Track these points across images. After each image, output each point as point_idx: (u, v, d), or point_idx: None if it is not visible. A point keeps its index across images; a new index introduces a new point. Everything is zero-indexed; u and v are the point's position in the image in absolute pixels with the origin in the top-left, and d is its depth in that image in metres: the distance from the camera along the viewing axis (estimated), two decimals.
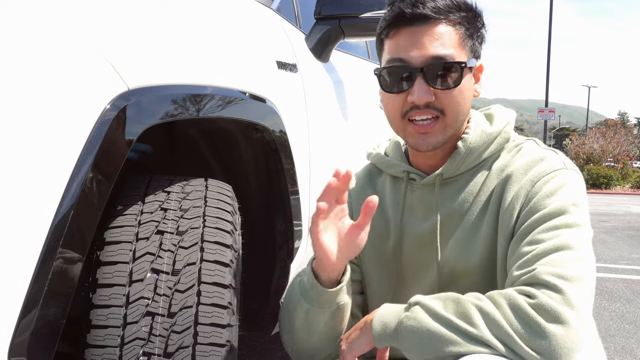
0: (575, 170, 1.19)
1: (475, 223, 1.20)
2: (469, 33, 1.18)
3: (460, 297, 1.04)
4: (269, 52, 1.69)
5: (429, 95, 1.14)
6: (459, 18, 1.17)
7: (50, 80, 0.94)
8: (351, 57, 2.64)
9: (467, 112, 1.21)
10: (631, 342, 3.13)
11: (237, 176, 1.68)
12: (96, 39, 1.04)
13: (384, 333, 1.09)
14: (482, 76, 1.24)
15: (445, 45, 1.14)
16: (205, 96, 1.30)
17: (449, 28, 1.16)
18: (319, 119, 1.97)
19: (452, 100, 1.16)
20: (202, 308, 1.12)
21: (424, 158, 1.26)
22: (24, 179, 0.89)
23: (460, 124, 1.20)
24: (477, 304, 1.02)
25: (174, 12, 1.32)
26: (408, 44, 1.15)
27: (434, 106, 1.15)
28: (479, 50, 1.22)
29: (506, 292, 1.03)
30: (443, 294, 1.08)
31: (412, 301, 1.08)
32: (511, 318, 0.99)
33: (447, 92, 1.15)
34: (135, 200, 1.22)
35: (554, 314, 0.97)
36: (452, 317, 1.02)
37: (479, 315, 1.01)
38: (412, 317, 1.05)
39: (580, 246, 1.07)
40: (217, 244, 1.19)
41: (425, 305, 1.05)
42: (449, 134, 1.18)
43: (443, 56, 1.14)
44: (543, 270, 1.02)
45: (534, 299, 0.99)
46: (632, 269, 5.26)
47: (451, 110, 1.16)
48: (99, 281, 1.11)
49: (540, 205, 1.11)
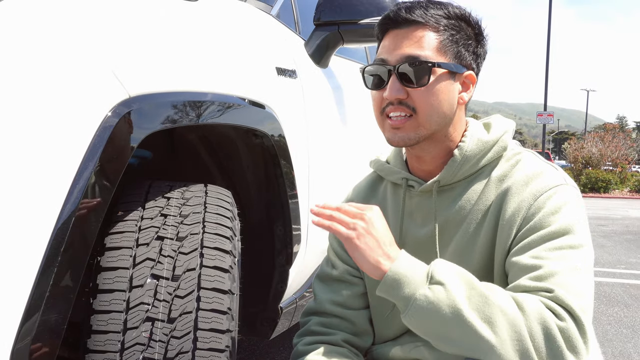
0: (574, 186, 1.21)
1: (474, 231, 1.21)
2: (454, 39, 1.21)
3: (488, 294, 1.03)
4: (268, 58, 1.70)
5: (400, 93, 1.18)
6: (445, 25, 1.20)
7: (53, 88, 0.96)
8: (350, 63, 2.65)
9: (444, 115, 1.21)
10: (629, 346, 3.13)
11: (236, 182, 1.69)
12: (98, 47, 1.05)
13: (393, 291, 1.07)
14: (473, 86, 1.25)
15: (420, 47, 1.18)
16: (205, 103, 1.31)
17: (431, 33, 1.19)
18: (318, 124, 1.98)
19: (423, 100, 1.18)
20: (201, 313, 1.12)
21: (421, 165, 1.28)
22: (26, 184, 0.90)
23: (436, 126, 1.21)
24: (504, 309, 1.01)
25: (174, 20, 1.33)
26: (390, 45, 1.21)
27: (406, 103, 1.19)
28: (468, 59, 1.23)
29: (536, 305, 1.02)
30: (470, 278, 1.06)
31: (436, 275, 1.05)
32: (537, 334, 1.00)
33: (417, 90, 1.18)
34: (136, 206, 1.23)
35: (574, 345, 1.00)
36: (473, 317, 1.00)
37: (504, 323, 1.00)
38: (431, 299, 1.03)
39: (587, 270, 1.10)
40: (217, 250, 1.20)
41: (450, 290, 1.03)
42: (422, 133, 1.20)
43: (415, 56, 1.18)
44: (567, 296, 1.03)
45: (562, 322, 1.01)
46: (630, 273, 5.27)
47: (422, 110, 1.19)
48: (99, 287, 1.12)
49: (545, 223, 1.12)
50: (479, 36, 1.25)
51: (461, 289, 1.03)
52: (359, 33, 2.07)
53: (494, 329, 1.00)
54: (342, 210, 1.13)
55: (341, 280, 1.37)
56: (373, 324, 1.38)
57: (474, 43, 1.24)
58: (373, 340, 1.39)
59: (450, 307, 1.01)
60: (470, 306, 1.01)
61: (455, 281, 1.04)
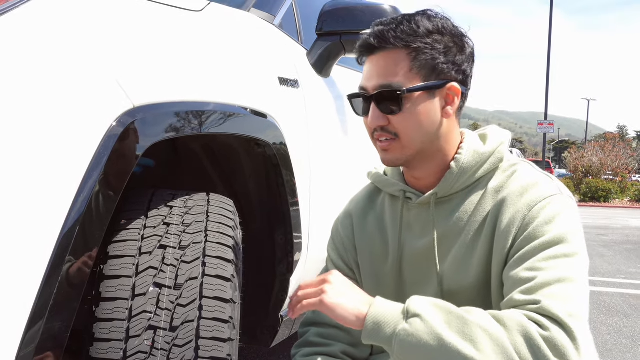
0: (570, 196, 1.22)
1: (471, 242, 1.22)
2: (429, 56, 1.19)
3: (466, 316, 1.03)
4: (271, 68, 1.72)
5: (380, 121, 1.21)
6: (424, 43, 1.19)
7: (59, 98, 0.97)
8: (352, 72, 2.67)
9: (428, 134, 1.21)
10: (628, 356, 3.13)
11: (238, 190, 1.70)
12: (103, 58, 1.06)
13: (376, 335, 1.08)
14: (457, 98, 1.22)
15: (391, 74, 1.19)
16: (208, 113, 1.32)
17: (401, 55, 1.19)
18: (319, 133, 1.99)
19: (402, 125, 1.20)
20: (203, 322, 1.13)
21: (418, 177, 1.29)
22: (32, 192, 0.91)
23: (422, 145, 1.22)
24: (483, 326, 1.01)
25: (178, 30, 1.34)
26: (367, 73, 1.23)
27: (387, 129, 1.21)
28: (447, 71, 1.21)
29: (516, 318, 1.03)
30: (446, 305, 1.07)
31: (411, 309, 1.06)
32: (521, 347, 1.00)
33: (396, 117, 1.19)
34: (139, 214, 1.24)
35: (562, 352, 1.00)
36: (455, 339, 1.01)
37: (485, 339, 1.00)
38: (410, 332, 1.04)
39: (580, 279, 1.09)
40: (219, 259, 1.21)
41: (426, 319, 1.04)
42: (409, 153, 1.22)
43: (386, 84, 1.19)
44: (553, 304, 1.03)
45: (546, 332, 1.01)
46: (630, 283, 5.27)
47: (404, 133, 1.20)
48: (102, 295, 1.12)
49: (539, 233, 1.13)
50: (459, 43, 1.23)
51: (438, 316, 1.04)
52: None
53: (477, 347, 1.00)
54: (303, 288, 1.16)
55: None
56: None
57: (454, 52, 1.21)
58: (371, 351, 1.39)
59: (431, 335, 1.02)
60: (450, 329, 1.02)
61: (430, 310, 1.06)
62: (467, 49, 1.24)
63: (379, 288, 1.33)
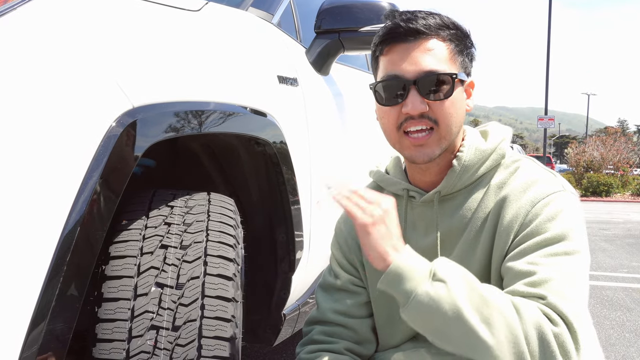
0: (573, 192, 1.21)
1: (474, 239, 1.22)
2: (459, 49, 1.22)
3: (488, 297, 1.03)
4: (270, 67, 1.72)
5: (423, 106, 1.18)
6: (449, 35, 1.21)
7: (59, 99, 0.97)
8: (351, 70, 2.67)
9: (460, 124, 1.23)
10: (631, 350, 3.13)
11: (239, 189, 1.70)
12: (102, 59, 1.06)
13: (394, 285, 1.08)
14: (473, 92, 1.27)
15: (437, 59, 1.19)
16: (208, 112, 1.32)
17: (440, 43, 1.20)
18: (319, 131, 1.99)
19: (445, 111, 1.19)
20: (205, 321, 1.13)
21: (422, 175, 1.28)
22: (33, 193, 0.91)
23: (454, 136, 1.22)
24: (503, 312, 1.02)
25: (176, 30, 1.34)
26: (401, 60, 1.19)
27: (427, 116, 1.19)
28: (469, 67, 1.26)
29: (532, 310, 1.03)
30: (471, 279, 1.07)
31: (438, 273, 1.05)
32: (532, 339, 1.01)
33: (439, 103, 1.18)
34: (140, 214, 1.24)
35: (567, 350, 1.01)
36: (473, 317, 1.01)
37: (502, 325, 1.01)
38: (431, 295, 1.03)
39: (582, 276, 1.10)
40: (220, 258, 1.21)
41: (451, 289, 1.03)
42: (444, 145, 1.21)
43: (435, 69, 1.18)
44: (561, 302, 1.04)
45: (557, 328, 1.02)
46: (633, 277, 5.26)
47: (444, 121, 1.19)
48: (104, 295, 1.13)
49: (542, 229, 1.13)
50: (469, 41, 1.26)
51: (462, 289, 1.04)
52: (360, 40, 2.09)
53: (492, 330, 1.00)
54: (359, 195, 1.14)
55: (344, 289, 1.37)
56: (377, 333, 1.38)
57: (470, 49, 1.26)
58: (376, 348, 1.39)
59: (451, 306, 1.02)
60: (471, 306, 1.02)
61: (457, 280, 1.05)
62: (475, 54, 1.27)
63: None
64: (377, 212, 1.11)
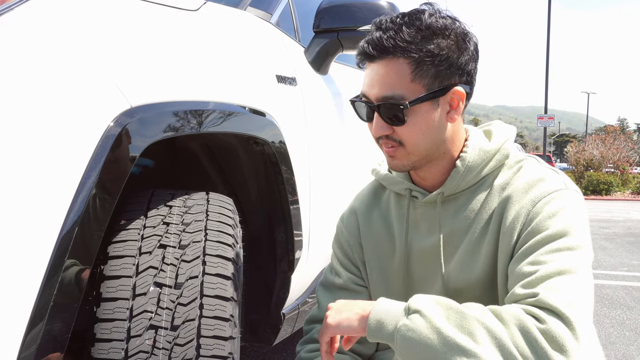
0: (576, 190, 1.21)
1: (477, 240, 1.22)
2: (430, 62, 1.15)
3: (464, 311, 1.04)
4: (268, 66, 1.72)
5: (384, 130, 1.19)
6: (416, 49, 1.14)
7: (57, 99, 0.97)
8: (350, 69, 2.67)
9: (433, 140, 1.20)
10: (631, 349, 3.13)
11: (237, 189, 1.70)
12: (100, 59, 1.06)
13: (379, 332, 1.09)
14: (461, 102, 1.20)
15: (392, 85, 1.16)
16: (206, 112, 1.32)
17: (402, 64, 1.15)
18: (318, 130, 1.99)
19: (406, 134, 1.18)
20: (204, 321, 1.13)
21: (424, 176, 1.28)
22: (31, 193, 0.91)
23: (427, 152, 1.21)
24: (482, 320, 1.02)
25: (174, 30, 1.34)
26: (370, 80, 1.20)
27: (392, 138, 1.20)
28: (451, 75, 1.17)
29: (514, 312, 1.03)
30: (447, 301, 1.07)
31: (412, 306, 1.07)
32: (518, 340, 1.00)
33: (400, 127, 1.18)
34: (138, 214, 1.24)
35: (560, 343, 0.99)
36: (454, 332, 1.01)
37: (483, 333, 1.01)
38: (410, 327, 1.05)
39: (582, 271, 1.09)
40: (219, 257, 1.21)
41: (426, 315, 1.04)
42: (414, 159, 1.22)
43: (389, 96, 1.16)
44: (551, 296, 1.03)
45: (543, 324, 1.01)
46: (633, 276, 5.26)
47: (408, 142, 1.19)
48: (102, 295, 1.12)
49: (542, 227, 1.13)
50: (462, 43, 1.18)
51: (437, 311, 1.05)
52: (358, 39, 2.06)
53: (475, 339, 1.00)
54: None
55: (345, 288, 1.37)
56: None
57: (457, 54, 1.17)
58: (377, 347, 1.39)
59: (430, 329, 1.03)
60: (449, 323, 1.03)
61: (430, 306, 1.06)
62: (470, 47, 1.19)
63: (387, 284, 1.33)
64: (327, 313, 1.16)
